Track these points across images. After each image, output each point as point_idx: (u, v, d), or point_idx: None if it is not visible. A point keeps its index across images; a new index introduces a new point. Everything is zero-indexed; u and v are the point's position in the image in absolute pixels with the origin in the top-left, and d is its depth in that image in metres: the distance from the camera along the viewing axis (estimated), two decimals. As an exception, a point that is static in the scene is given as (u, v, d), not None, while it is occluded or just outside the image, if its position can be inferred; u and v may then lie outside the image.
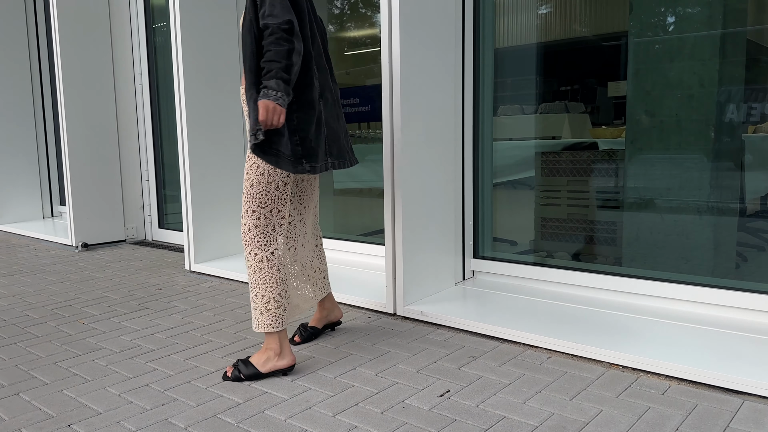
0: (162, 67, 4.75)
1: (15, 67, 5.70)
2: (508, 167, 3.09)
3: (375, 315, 2.79)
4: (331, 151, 2.16)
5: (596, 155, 2.82)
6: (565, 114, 2.91)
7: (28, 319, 2.87)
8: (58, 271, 3.89)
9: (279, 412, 1.85)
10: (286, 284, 2.15)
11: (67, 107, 4.51)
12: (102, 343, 2.51)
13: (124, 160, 4.86)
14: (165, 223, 4.93)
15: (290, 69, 1.94)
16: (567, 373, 2.08)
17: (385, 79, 2.65)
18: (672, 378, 2.01)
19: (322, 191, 3.95)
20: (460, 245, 3.09)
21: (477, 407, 1.85)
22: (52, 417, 1.86)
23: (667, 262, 2.63)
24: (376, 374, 2.12)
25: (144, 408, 1.90)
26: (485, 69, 3.05)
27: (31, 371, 2.23)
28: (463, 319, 2.53)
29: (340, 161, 2.20)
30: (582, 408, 1.82)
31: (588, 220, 2.85)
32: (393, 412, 1.83)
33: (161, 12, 4.70)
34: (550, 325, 2.42)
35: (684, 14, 2.51)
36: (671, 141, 2.59)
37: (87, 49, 4.59)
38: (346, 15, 3.72)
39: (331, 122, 2.17)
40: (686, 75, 2.53)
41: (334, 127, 2.18)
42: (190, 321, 2.78)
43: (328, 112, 2.15)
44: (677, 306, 2.56)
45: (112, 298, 3.21)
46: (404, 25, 2.61)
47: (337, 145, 2.19)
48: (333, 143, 2.17)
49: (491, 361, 2.20)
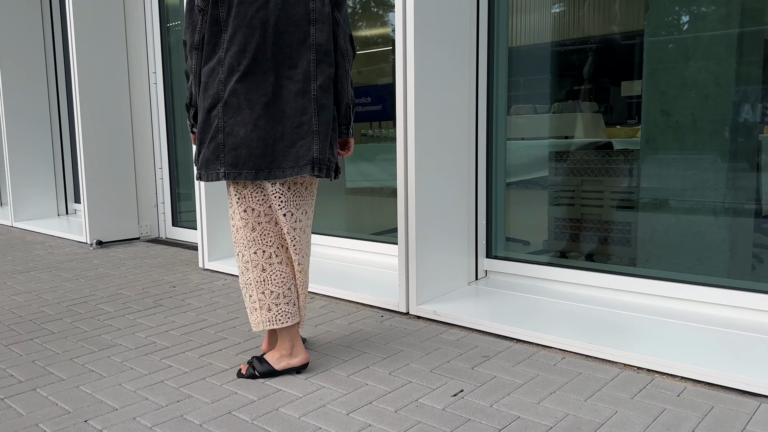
0: (176, 66, 4.78)
1: (31, 67, 5.76)
2: (521, 167, 3.08)
3: (387, 314, 2.80)
4: (226, 159, 2.00)
5: (611, 155, 2.80)
6: (578, 113, 2.90)
7: (44, 316, 2.90)
8: (74, 268, 3.93)
9: (293, 410, 1.86)
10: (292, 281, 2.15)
11: (82, 106, 4.54)
12: (117, 340, 2.53)
13: (138, 158, 4.89)
14: (178, 221, 4.96)
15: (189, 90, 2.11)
16: (581, 373, 2.07)
17: (399, 78, 2.65)
18: (687, 379, 1.99)
19: (334, 189, 3.96)
20: (473, 245, 3.08)
21: (491, 407, 1.84)
22: (69, 412, 1.88)
23: (682, 263, 2.61)
24: (390, 373, 2.12)
25: (159, 404, 1.92)
26: (499, 68, 3.04)
27: (47, 367, 2.26)
28: (476, 319, 2.53)
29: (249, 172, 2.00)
30: (597, 409, 1.81)
31: (602, 221, 2.84)
32: (407, 411, 1.84)
33: (175, 11, 4.73)
34: (564, 325, 2.42)
35: (701, 13, 2.49)
36: (687, 141, 2.57)
37: (102, 48, 4.63)
38: (357, 14, 3.72)
39: (236, 128, 1.98)
40: (702, 75, 2.51)
41: (240, 134, 1.98)
42: (204, 318, 2.80)
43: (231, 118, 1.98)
44: (692, 307, 2.54)
45: (127, 295, 3.24)
46: (419, 25, 2.61)
47: (234, 154, 1.99)
48: (230, 151, 1.99)
49: (505, 361, 2.20)
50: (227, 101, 1.98)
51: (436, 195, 2.79)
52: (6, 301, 3.17)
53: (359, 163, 3.81)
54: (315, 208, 4.04)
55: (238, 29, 1.96)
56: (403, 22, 2.62)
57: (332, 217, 3.97)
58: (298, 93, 2.01)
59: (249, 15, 1.95)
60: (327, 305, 2.96)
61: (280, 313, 2.09)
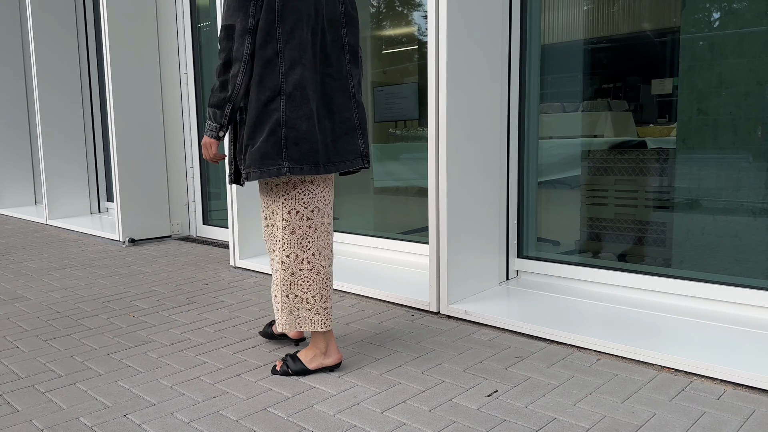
0: (206, 66, 4.83)
1: (66, 68, 5.87)
2: (553, 166, 3.05)
3: (418, 313, 2.79)
4: (290, 154, 1.97)
5: (645, 154, 2.76)
6: (607, 112, 2.87)
7: (80, 312, 2.96)
8: (107, 266, 4.00)
9: (328, 407, 1.87)
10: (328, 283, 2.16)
11: (115, 106, 4.62)
12: (152, 336, 2.57)
13: (170, 157, 4.96)
14: (209, 219, 5.02)
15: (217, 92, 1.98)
16: (617, 375, 2.05)
17: (431, 76, 2.64)
18: (727, 382, 1.96)
19: (363, 188, 3.97)
20: (504, 244, 3.06)
21: (526, 408, 1.83)
22: (108, 407, 1.91)
23: (719, 264, 2.56)
24: (422, 372, 2.12)
25: (196, 400, 1.94)
26: (532, 66, 3.02)
27: (86, 362, 2.30)
28: (508, 319, 2.51)
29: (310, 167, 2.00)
30: (634, 411, 1.79)
31: (636, 220, 2.80)
32: (441, 410, 1.83)
33: (206, 12, 4.78)
34: (599, 326, 2.39)
35: (738, 9, 2.44)
36: (724, 140, 2.52)
37: (135, 49, 4.70)
38: (382, 13, 3.72)
39: (298, 123, 1.97)
40: (741, 72, 2.46)
41: (303, 128, 1.97)
42: (236, 315, 2.83)
43: (294, 112, 1.97)
44: (729, 309, 2.49)
45: (160, 292, 3.28)
46: (451, 23, 2.60)
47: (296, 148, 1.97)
48: (293, 145, 1.97)
49: (539, 362, 2.18)
50: (291, 94, 1.96)
51: (467, 194, 2.78)
52: (43, 298, 3.24)
53: (387, 162, 3.81)
54: (345, 208, 4.06)
55: (298, 23, 1.96)
56: (435, 20, 2.61)
57: (361, 216, 3.98)
58: (339, 90, 2.08)
59: (305, 11, 1.98)
60: (357, 303, 2.97)
61: (300, 317, 2.11)
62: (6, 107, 6.90)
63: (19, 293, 3.34)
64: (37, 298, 3.24)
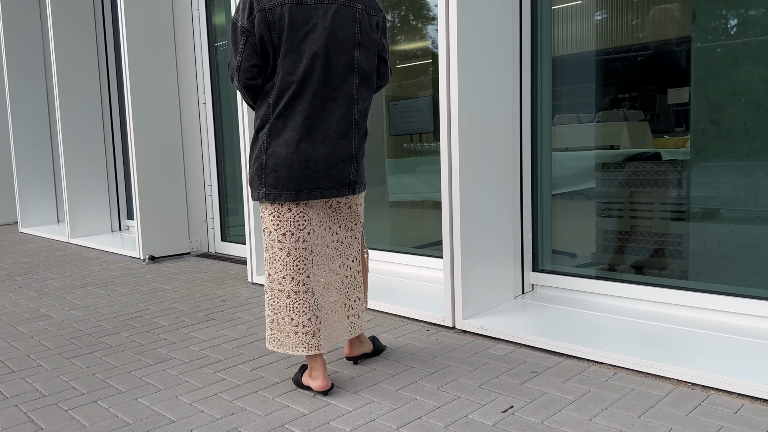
0: (223, 85, 4.92)
1: (86, 89, 6.01)
2: (567, 178, 3.06)
3: (433, 328, 2.80)
4: (267, 180, 2.04)
5: (659, 165, 2.76)
6: (624, 122, 2.87)
7: (102, 330, 3.01)
8: (128, 283, 4.06)
9: (344, 424, 1.88)
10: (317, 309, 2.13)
11: (135, 126, 4.72)
12: (172, 353, 2.61)
13: (189, 175, 5.04)
14: (227, 236, 5.08)
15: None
16: (634, 389, 2.04)
17: (443, 89, 2.67)
18: (745, 396, 1.94)
19: (378, 203, 4.00)
20: (519, 258, 3.07)
21: (542, 423, 1.83)
22: (129, 424, 1.95)
23: (736, 276, 2.54)
24: (438, 388, 2.13)
25: (215, 417, 1.97)
26: (543, 77, 3.03)
27: (107, 380, 2.35)
28: (524, 334, 2.52)
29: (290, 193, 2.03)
30: (651, 426, 1.78)
31: (652, 232, 2.79)
32: (456, 426, 1.84)
33: (222, 31, 4.87)
34: (615, 340, 2.38)
35: (750, 18, 2.44)
36: (739, 150, 2.51)
37: (154, 70, 4.80)
38: (397, 27, 3.77)
39: (278, 150, 2.02)
40: (754, 82, 2.45)
41: (282, 155, 2.02)
42: (254, 332, 2.86)
43: (274, 140, 2.03)
44: (747, 321, 2.47)
45: (180, 309, 3.33)
46: (462, 35, 2.63)
47: (274, 175, 2.02)
48: (271, 172, 2.03)
49: (554, 377, 2.18)
50: (274, 123, 2.04)
51: (481, 207, 2.79)
52: (66, 316, 3.30)
53: (401, 176, 3.84)
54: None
55: (288, 54, 2.01)
56: (446, 33, 2.64)
57: (376, 230, 4.00)
58: (341, 116, 2.07)
59: (298, 40, 2.00)
60: (373, 319, 2.99)
61: (273, 337, 2.15)
62: (29, 129, 7.06)
63: (43, 311, 3.41)
64: (59, 316, 3.30)
